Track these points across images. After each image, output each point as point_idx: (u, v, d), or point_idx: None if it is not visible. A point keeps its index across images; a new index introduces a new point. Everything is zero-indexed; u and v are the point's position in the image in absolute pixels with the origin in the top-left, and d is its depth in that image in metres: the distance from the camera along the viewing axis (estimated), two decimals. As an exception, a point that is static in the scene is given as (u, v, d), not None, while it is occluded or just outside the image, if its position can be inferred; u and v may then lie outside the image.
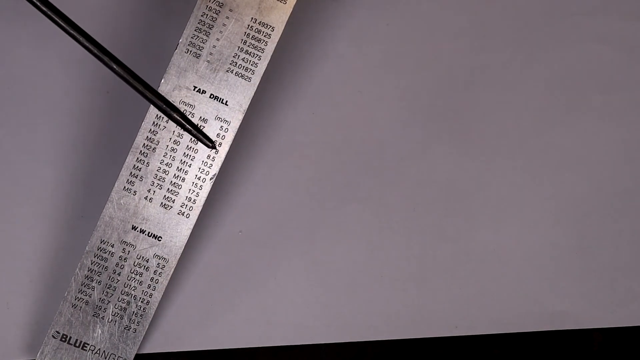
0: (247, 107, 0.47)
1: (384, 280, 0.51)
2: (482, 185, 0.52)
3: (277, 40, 0.47)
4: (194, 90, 0.46)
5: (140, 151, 0.46)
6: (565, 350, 0.52)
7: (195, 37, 0.46)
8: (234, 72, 0.47)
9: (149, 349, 0.50)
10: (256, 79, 0.47)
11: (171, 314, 0.50)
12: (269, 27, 0.47)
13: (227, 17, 0.46)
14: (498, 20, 0.53)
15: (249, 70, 0.47)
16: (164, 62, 0.49)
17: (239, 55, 0.47)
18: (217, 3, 0.46)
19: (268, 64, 0.47)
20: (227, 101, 0.47)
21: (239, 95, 0.47)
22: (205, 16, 0.46)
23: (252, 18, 0.46)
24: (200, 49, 0.46)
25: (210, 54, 0.46)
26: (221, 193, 0.51)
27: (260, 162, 0.51)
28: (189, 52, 0.46)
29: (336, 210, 0.51)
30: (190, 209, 0.47)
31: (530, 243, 0.52)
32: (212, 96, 0.47)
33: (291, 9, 0.47)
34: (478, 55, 0.53)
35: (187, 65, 0.46)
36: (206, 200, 0.47)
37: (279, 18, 0.47)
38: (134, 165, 0.46)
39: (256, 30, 0.47)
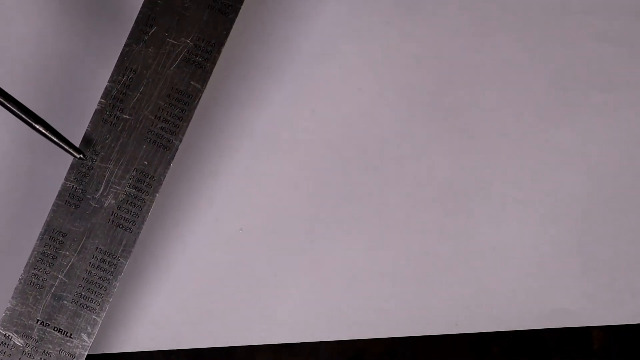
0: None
1: (383, 278, 0.51)
2: (482, 183, 0.51)
3: None
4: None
5: None
6: (565, 347, 0.51)
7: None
8: None
9: (150, 346, 0.51)
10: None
11: (172, 312, 0.51)
12: None
13: None
14: (499, 17, 0.52)
15: None
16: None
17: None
18: None
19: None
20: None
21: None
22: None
23: None
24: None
25: None
26: (221, 190, 0.51)
27: (260, 159, 0.51)
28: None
29: (336, 208, 0.51)
30: None
31: (530, 240, 0.51)
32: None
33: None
34: (478, 53, 0.52)
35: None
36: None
37: None
38: None
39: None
